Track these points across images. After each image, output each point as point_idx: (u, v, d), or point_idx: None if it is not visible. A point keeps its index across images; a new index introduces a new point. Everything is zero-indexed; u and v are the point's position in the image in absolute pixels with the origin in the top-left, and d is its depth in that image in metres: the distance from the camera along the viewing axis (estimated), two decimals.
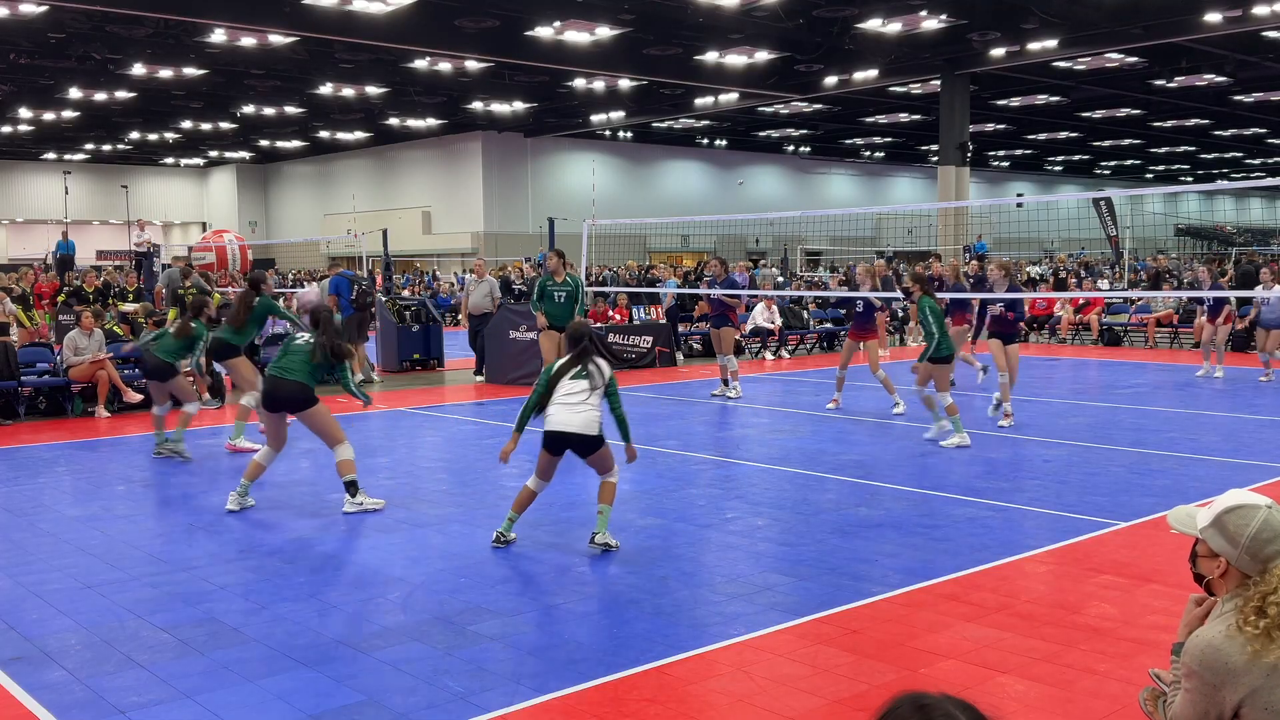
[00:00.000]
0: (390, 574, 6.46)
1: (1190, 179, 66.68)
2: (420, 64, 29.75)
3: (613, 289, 22.69)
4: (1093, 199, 36.91)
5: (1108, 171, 65.89)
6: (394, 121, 41.78)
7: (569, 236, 21.58)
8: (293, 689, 4.71)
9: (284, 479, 9.44)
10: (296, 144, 48.91)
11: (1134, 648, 5.12)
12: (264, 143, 48.28)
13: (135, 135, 44.53)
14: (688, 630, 5.42)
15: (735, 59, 29.29)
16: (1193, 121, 43.96)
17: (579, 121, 41.82)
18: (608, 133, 46.35)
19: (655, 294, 22.75)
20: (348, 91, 33.72)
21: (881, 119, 43.01)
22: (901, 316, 21.95)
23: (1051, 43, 26.52)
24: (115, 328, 15.09)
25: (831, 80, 31.15)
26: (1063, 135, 48.27)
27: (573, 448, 6.80)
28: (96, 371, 13.11)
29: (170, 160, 55.52)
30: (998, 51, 27.91)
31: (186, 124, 40.94)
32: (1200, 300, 20.76)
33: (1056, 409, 11.88)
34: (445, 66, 30.18)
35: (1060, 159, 58.77)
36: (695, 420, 12.66)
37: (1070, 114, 41.52)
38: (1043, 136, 48.66)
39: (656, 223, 41.48)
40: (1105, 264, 37.70)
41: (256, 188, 57.48)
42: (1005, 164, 60.63)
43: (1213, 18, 24.07)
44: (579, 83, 33.31)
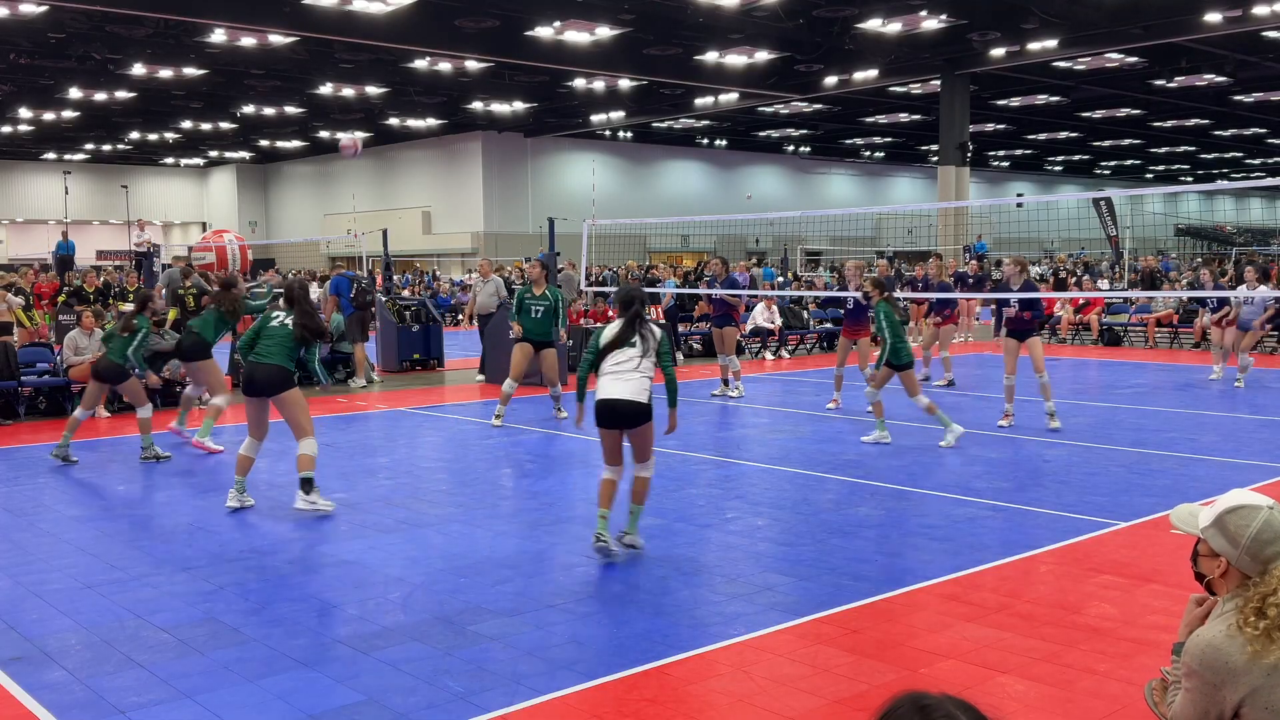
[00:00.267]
0: (390, 574, 6.46)
1: (1190, 179, 66.68)
2: (420, 64, 29.76)
3: (612, 289, 22.66)
4: (1093, 199, 36.91)
5: (1108, 171, 65.89)
6: (394, 121, 41.79)
7: (569, 236, 21.58)
8: (293, 689, 4.71)
9: (283, 479, 9.43)
10: (296, 144, 48.91)
11: (1134, 648, 5.12)
12: (264, 143, 48.28)
13: (135, 135, 44.54)
14: (688, 630, 5.42)
15: (735, 59, 29.29)
16: (1193, 121, 43.96)
17: (579, 121, 41.82)
18: (608, 133, 46.35)
19: (655, 294, 22.73)
20: (348, 91, 33.73)
21: (881, 119, 43.01)
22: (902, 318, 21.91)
23: (1051, 43, 26.53)
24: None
25: (831, 80, 31.15)
26: (1063, 135, 48.27)
27: (621, 419, 6.52)
28: None
29: (170, 160, 55.52)
30: (998, 51, 27.91)
31: (186, 124, 40.94)
32: (1203, 301, 20.78)
33: (1056, 409, 11.88)
34: (445, 66, 30.18)
35: (1060, 159, 58.77)
36: (695, 420, 12.65)
37: (1070, 114, 41.52)
38: (1043, 136, 48.67)
39: (656, 223, 41.48)
40: (1107, 263, 37.68)
41: (256, 188, 57.48)
42: (1005, 164, 60.63)
43: (1213, 18, 24.08)
44: (579, 83, 33.31)
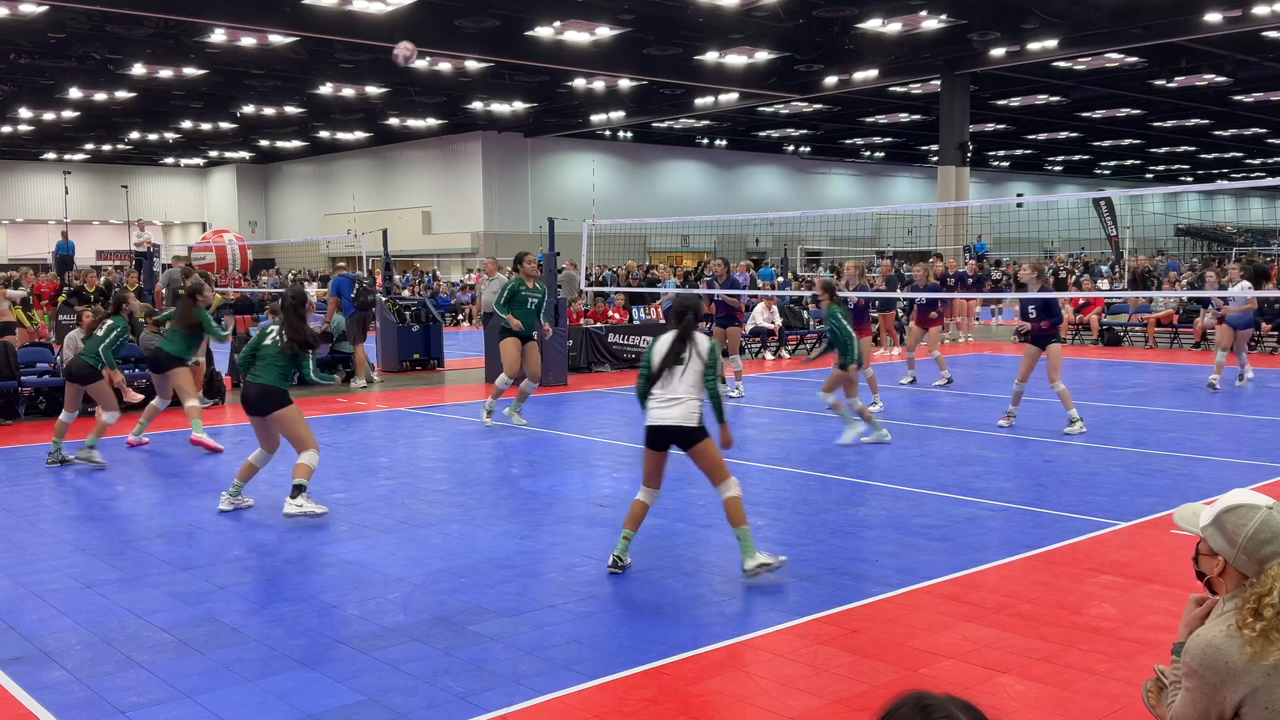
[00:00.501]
0: (390, 574, 6.46)
1: (1190, 179, 66.68)
2: (420, 64, 29.75)
3: (612, 289, 22.69)
4: (1093, 199, 36.92)
5: (1108, 171, 65.90)
6: (394, 121, 41.80)
7: (569, 236, 21.58)
8: (293, 689, 4.71)
9: (283, 479, 9.43)
10: (296, 144, 48.92)
11: (1134, 648, 5.12)
12: (264, 143, 48.29)
13: (135, 135, 44.54)
14: (688, 630, 5.42)
15: (735, 59, 29.30)
16: (1193, 121, 43.97)
17: (579, 121, 41.82)
18: (608, 133, 46.36)
19: (655, 294, 22.76)
20: (348, 91, 33.73)
21: (881, 119, 43.02)
22: (902, 317, 21.94)
23: (1051, 43, 26.53)
24: None
25: (831, 80, 31.16)
26: (1063, 135, 48.29)
27: (674, 442, 6.28)
28: None
29: (170, 160, 55.53)
30: (998, 51, 27.92)
31: (186, 124, 40.95)
32: (1205, 302, 20.77)
33: (1056, 409, 11.87)
34: (445, 66, 30.18)
35: (1060, 159, 58.78)
36: None
37: (1070, 114, 41.53)
38: (1043, 136, 48.68)
39: (656, 223, 41.50)
40: (1105, 263, 37.69)
41: (256, 188, 57.49)
42: (1005, 164, 60.64)
43: (1213, 18, 24.08)
44: (579, 83, 33.32)
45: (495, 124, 43.06)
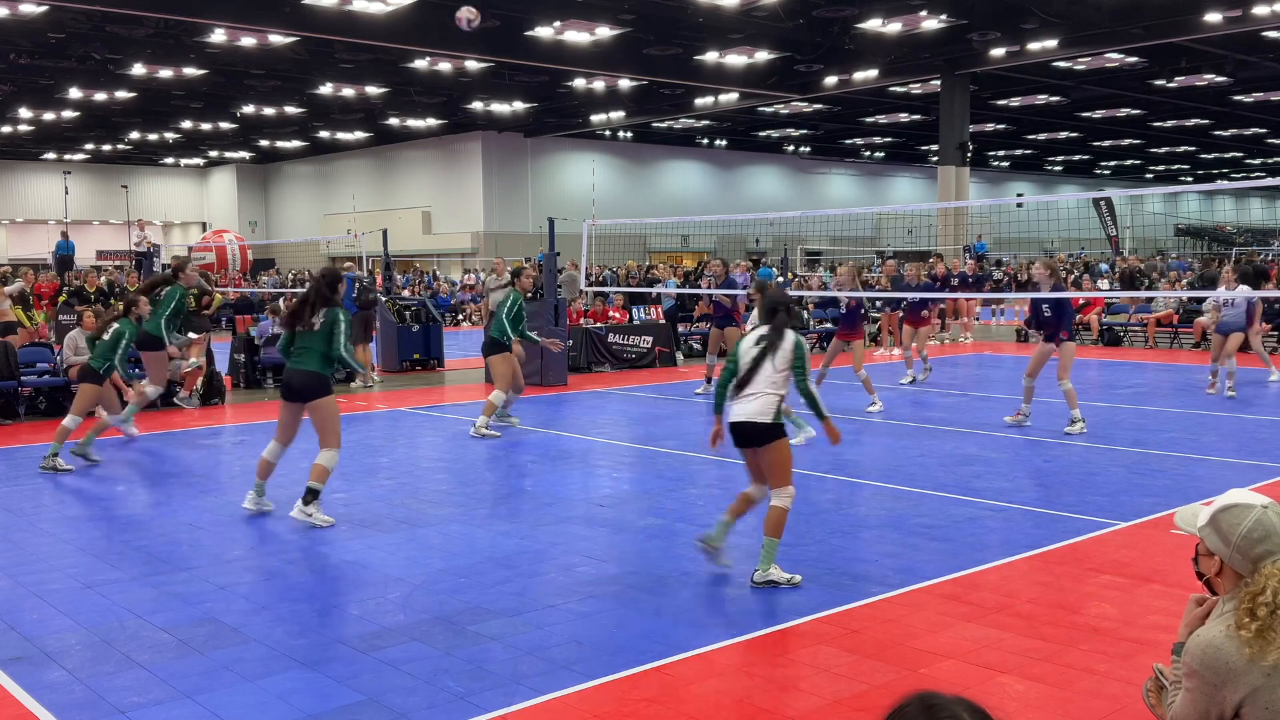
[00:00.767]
0: (390, 574, 6.46)
1: (1190, 179, 66.68)
2: (420, 64, 29.75)
3: (612, 289, 22.69)
4: (1093, 199, 36.95)
5: (1108, 171, 65.90)
6: (394, 121, 41.78)
7: (569, 236, 21.58)
8: (293, 689, 4.71)
9: (283, 479, 9.43)
10: (296, 144, 48.91)
11: (1134, 648, 5.12)
12: (264, 143, 48.27)
13: (135, 135, 44.53)
14: (688, 630, 5.42)
15: (735, 59, 29.29)
16: (1193, 121, 43.97)
17: (579, 121, 41.82)
18: (608, 133, 46.35)
19: (655, 294, 22.75)
20: (348, 91, 33.72)
21: (881, 119, 43.01)
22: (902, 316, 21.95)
23: (1051, 43, 26.53)
24: None
25: (831, 80, 31.15)
26: (1063, 135, 48.27)
27: (747, 439, 6.11)
28: None
29: (170, 160, 55.52)
30: (998, 51, 27.91)
31: (186, 124, 40.93)
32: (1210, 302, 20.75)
33: (1056, 409, 11.88)
34: (445, 66, 30.17)
35: (1060, 159, 58.77)
36: (695, 420, 12.65)
37: (1070, 114, 41.53)
38: (1043, 136, 48.67)
39: (656, 223, 41.48)
40: (1106, 262, 37.71)
41: (256, 188, 57.47)
42: (1005, 164, 60.62)
43: (1213, 18, 24.08)
44: (579, 83, 33.31)
45: (495, 124, 43.05)
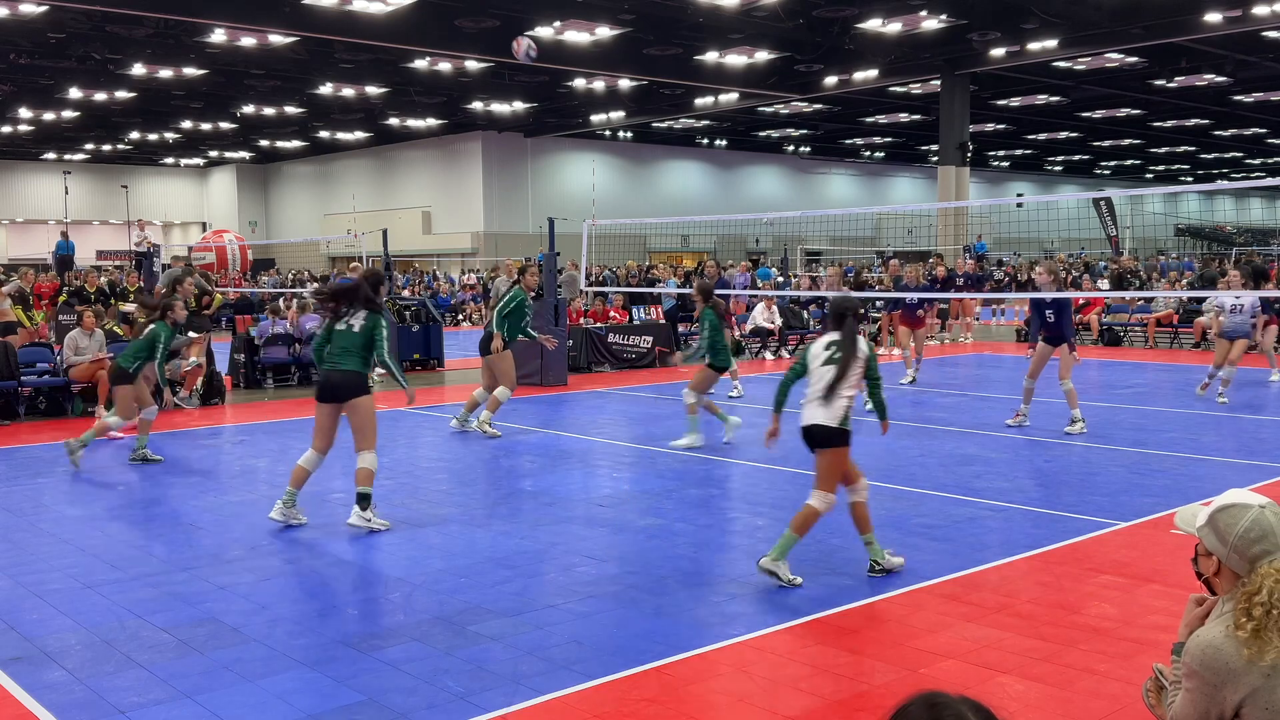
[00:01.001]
0: (390, 574, 6.46)
1: (1190, 179, 66.68)
2: (420, 64, 29.76)
3: (611, 289, 22.69)
4: (1093, 199, 36.95)
5: (1108, 171, 65.89)
6: (394, 121, 41.79)
7: (569, 236, 21.58)
8: (293, 689, 4.71)
9: (284, 479, 9.43)
10: (296, 144, 48.91)
11: (1134, 648, 5.12)
12: (264, 143, 48.28)
13: (135, 135, 44.53)
14: (688, 630, 5.42)
15: (735, 59, 29.29)
16: (1193, 121, 43.96)
17: (579, 121, 41.82)
18: (608, 133, 46.36)
19: (655, 294, 22.76)
20: (348, 91, 33.72)
21: (881, 119, 43.02)
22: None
23: (1051, 43, 26.53)
24: (115, 328, 15.10)
25: (831, 80, 31.15)
26: (1063, 135, 48.27)
27: (817, 441, 6.15)
28: (97, 371, 13.11)
29: (170, 160, 55.52)
30: (998, 51, 27.91)
31: (186, 124, 40.94)
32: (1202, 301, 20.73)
33: (1058, 409, 11.88)
34: (445, 66, 30.18)
35: (1060, 159, 58.77)
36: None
37: (1070, 114, 41.52)
38: (1043, 136, 48.67)
39: (656, 223, 41.48)
40: (1105, 261, 37.67)
41: (256, 188, 57.48)
42: (1005, 164, 60.62)
43: (1213, 18, 24.08)
44: (579, 83, 33.31)
45: (495, 124, 43.06)
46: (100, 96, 33.05)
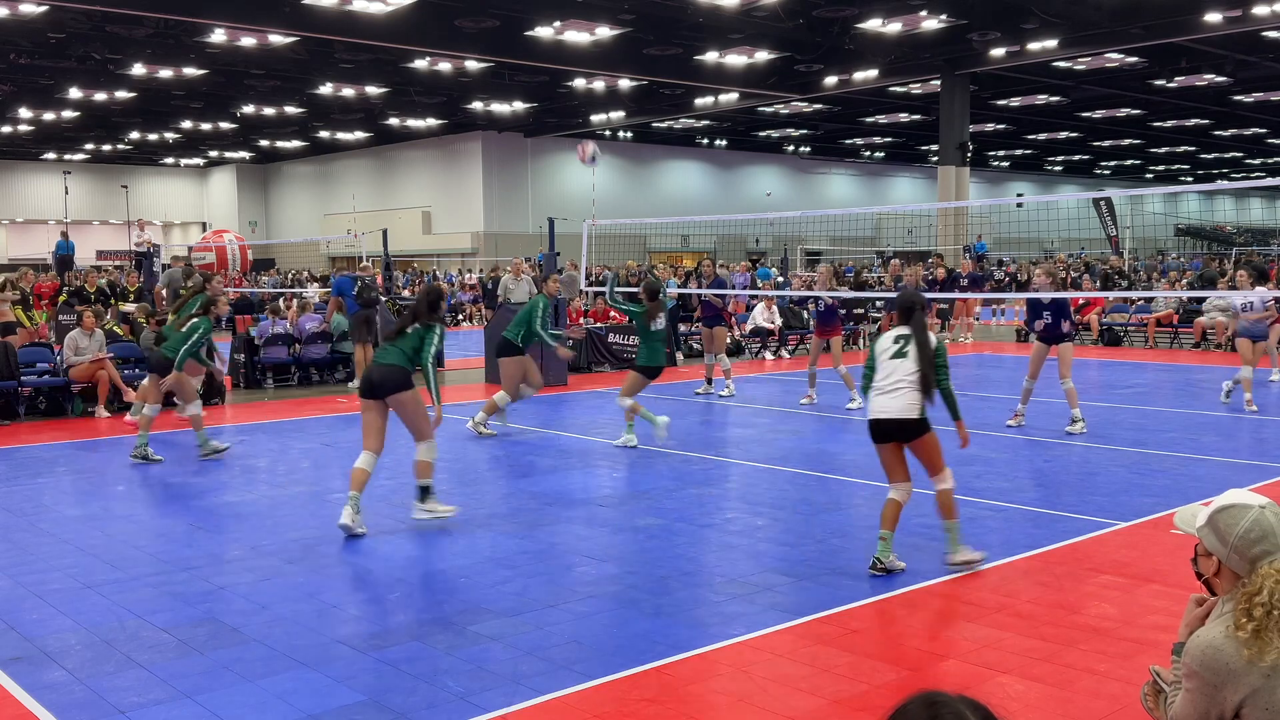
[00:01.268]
0: (390, 574, 6.46)
1: (1190, 179, 66.69)
2: (420, 64, 29.76)
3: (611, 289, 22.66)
4: (1093, 199, 36.95)
5: (1108, 171, 65.90)
6: (394, 121, 41.79)
7: (569, 236, 21.58)
8: (293, 689, 4.71)
9: (284, 479, 9.44)
10: (296, 144, 48.91)
11: (1134, 648, 5.12)
12: (264, 143, 48.28)
13: (135, 135, 44.54)
14: (688, 630, 5.42)
15: (735, 59, 29.30)
16: (1193, 121, 43.97)
17: (579, 121, 41.83)
18: (608, 133, 46.36)
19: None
20: (348, 91, 33.72)
21: (881, 119, 43.02)
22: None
23: (1051, 43, 26.53)
24: (115, 328, 15.10)
25: (831, 80, 31.16)
26: (1063, 135, 48.28)
27: (895, 435, 6.25)
28: (97, 371, 13.11)
29: (170, 160, 55.53)
30: (998, 51, 27.92)
31: (186, 124, 40.95)
32: (1203, 301, 20.75)
33: (1058, 409, 11.88)
34: (445, 66, 30.18)
35: (1060, 159, 58.77)
36: (695, 420, 12.66)
37: (1070, 114, 41.53)
38: (1043, 136, 48.67)
39: (656, 223, 41.49)
40: (1108, 266, 37.68)
41: (256, 188, 57.49)
42: (1005, 164, 60.63)
43: (1213, 18, 24.08)
44: (579, 83, 33.32)
45: (495, 124, 43.06)
46: (100, 96, 33.06)
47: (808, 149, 53.59)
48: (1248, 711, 2.62)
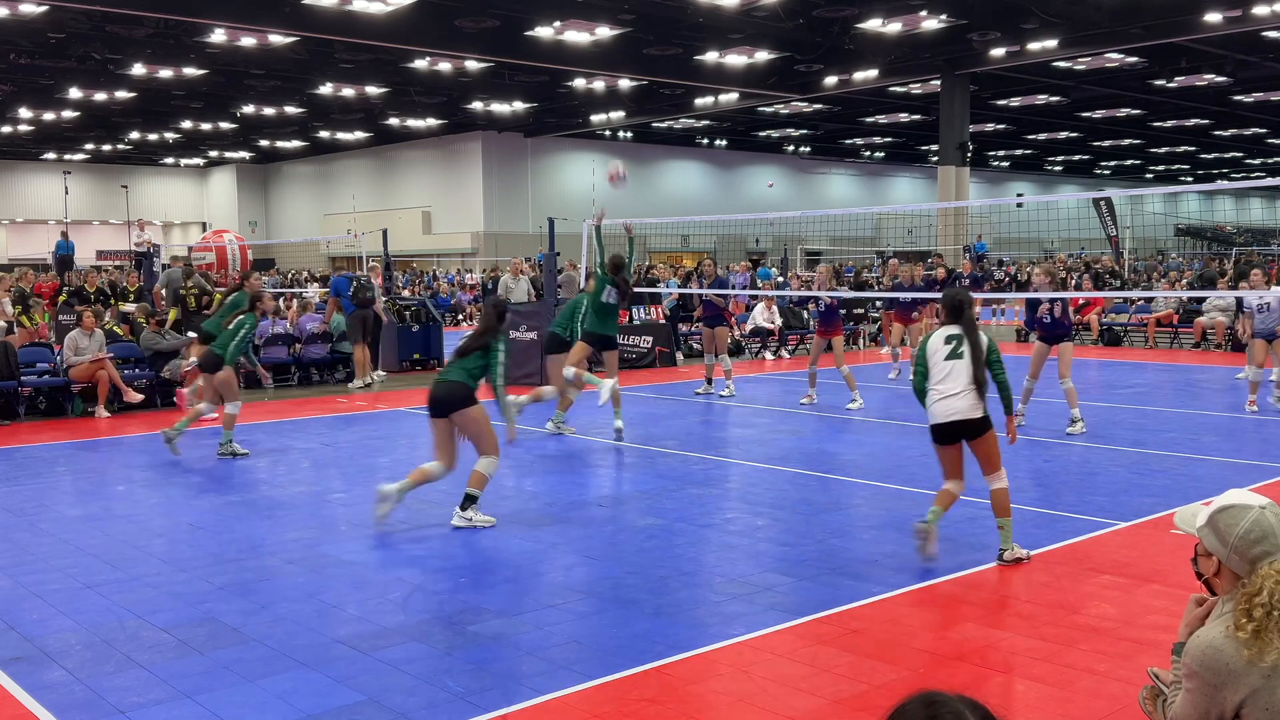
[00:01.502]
0: (390, 574, 6.46)
1: (1190, 179, 66.68)
2: (420, 64, 29.75)
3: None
4: (1093, 199, 36.92)
5: (1108, 171, 65.89)
6: (394, 121, 41.78)
7: (569, 236, 21.58)
8: (293, 689, 4.71)
9: (284, 478, 9.44)
10: (296, 144, 48.91)
11: (1134, 648, 5.12)
12: (264, 143, 48.27)
13: (135, 135, 44.53)
14: (688, 630, 5.42)
15: (735, 59, 29.29)
16: (1193, 121, 43.96)
17: (579, 121, 41.82)
18: (608, 133, 46.35)
19: (656, 294, 22.75)
20: (348, 91, 33.72)
21: (881, 119, 43.01)
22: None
23: (1051, 43, 26.53)
24: (115, 328, 15.10)
25: (831, 80, 31.15)
26: (1063, 135, 48.27)
27: (961, 435, 6.35)
28: (97, 371, 13.11)
29: (170, 160, 55.53)
30: (998, 51, 27.91)
31: (186, 124, 40.94)
32: (1200, 302, 20.75)
33: (1058, 409, 11.88)
34: (445, 66, 30.18)
35: (1060, 159, 58.77)
36: (695, 420, 12.66)
37: (1070, 114, 41.52)
38: (1043, 136, 48.66)
39: (656, 223, 41.47)
40: (1106, 270, 37.68)
41: (256, 188, 57.49)
42: (1005, 164, 60.62)
43: (1213, 18, 24.08)
44: (579, 83, 33.31)
45: (495, 124, 43.06)
46: (100, 96, 33.05)
47: (808, 149, 53.59)
48: (1248, 712, 2.62)
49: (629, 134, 47.73)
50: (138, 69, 28.63)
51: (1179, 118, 42.98)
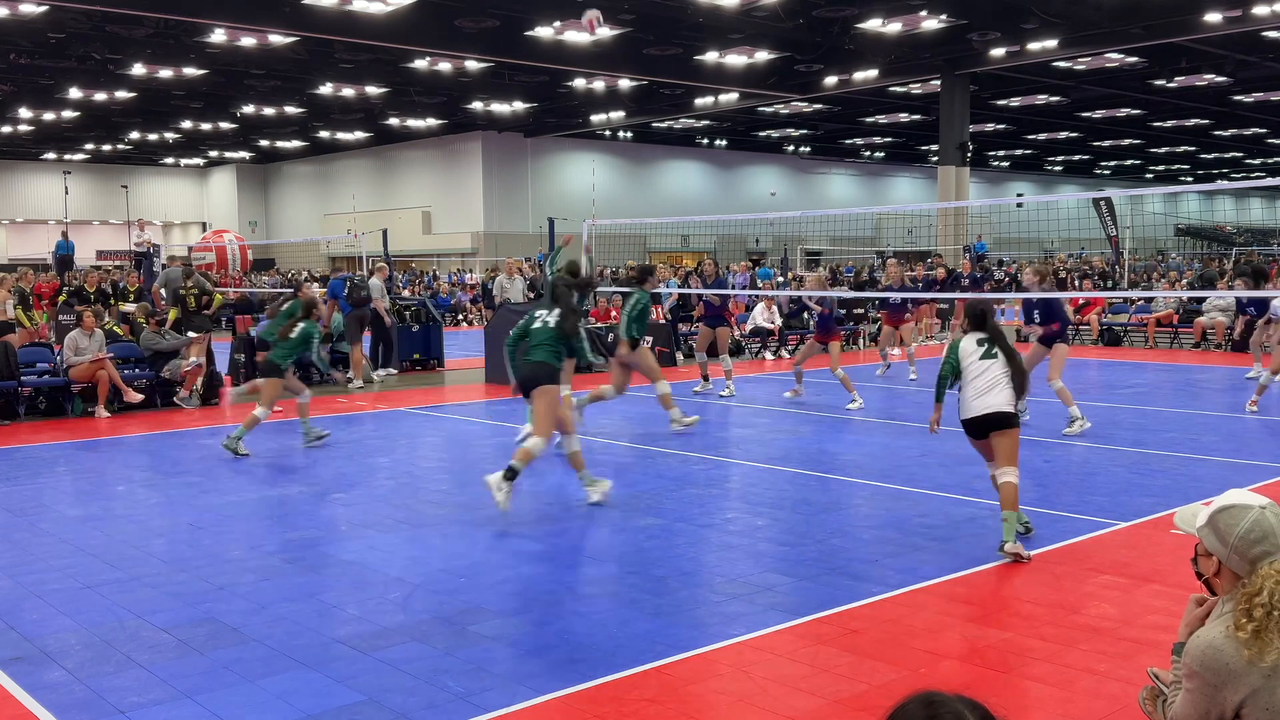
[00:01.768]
0: (390, 574, 6.46)
1: (1190, 179, 66.69)
2: (420, 64, 29.76)
3: (612, 289, 22.67)
4: (1093, 199, 36.92)
5: (1108, 171, 65.90)
6: (394, 121, 41.79)
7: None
8: (293, 689, 4.71)
9: (284, 479, 9.44)
10: (296, 144, 48.92)
11: (1134, 648, 5.12)
12: (264, 143, 48.28)
13: (135, 135, 44.54)
14: (688, 630, 5.41)
15: (735, 59, 29.30)
16: (1193, 121, 43.97)
17: (579, 121, 41.82)
18: (608, 133, 46.36)
19: (656, 294, 22.73)
20: (348, 91, 33.73)
21: (881, 119, 43.02)
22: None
23: (1051, 43, 26.53)
24: (115, 328, 15.10)
25: (831, 80, 31.16)
26: (1063, 135, 48.28)
27: (994, 427, 6.66)
28: (97, 371, 13.11)
29: (170, 160, 55.54)
30: (998, 51, 27.92)
31: (186, 124, 40.95)
32: (1200, 302, 20.75)
33: (1056, 409, 11.87)
34: (445, 66, 30.19)
35: (1060, 159, 58.78)
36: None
37: (1070, 114, 41.53)
38: (1043, 136, 48.67)
39: (656, 223, 41.48)
40: (1108, 264, 37.69)
41: (256, 188, 57.50)
42: (1005, 164, 60.64)
43: (1213, 18, 24.08)
44: (579, 83, 33.32)
45: (495, 124, 43.06)
46: (100, 96, 33.06)
47: (808, 149, 53.60)
48: (1248, 712, 2.62)
49: (629, 134, 47.74)
50: (138, 69, 28.64)
51: (1179, 118, 42.99)
